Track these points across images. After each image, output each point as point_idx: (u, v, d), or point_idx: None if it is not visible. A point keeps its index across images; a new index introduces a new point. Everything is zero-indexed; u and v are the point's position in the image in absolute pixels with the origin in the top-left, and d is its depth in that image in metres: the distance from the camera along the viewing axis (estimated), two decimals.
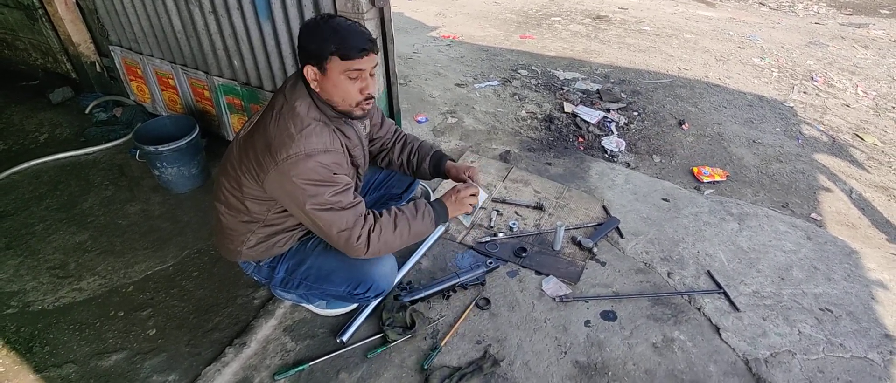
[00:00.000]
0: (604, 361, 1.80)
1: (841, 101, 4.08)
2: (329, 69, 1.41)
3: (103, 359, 1.84)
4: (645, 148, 3.24)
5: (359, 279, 1.68)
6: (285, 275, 1.76)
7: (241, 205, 1.59)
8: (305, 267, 1.72)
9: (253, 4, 2.27)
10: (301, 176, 1.41)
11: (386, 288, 1.76)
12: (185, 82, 2.90)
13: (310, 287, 1.75)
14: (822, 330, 1.94)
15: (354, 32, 1.40)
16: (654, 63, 4.65)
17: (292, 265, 1.74)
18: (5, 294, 2.12)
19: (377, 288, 1.72)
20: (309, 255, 1.73)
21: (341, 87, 1.43)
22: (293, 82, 1.52)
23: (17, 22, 3.48)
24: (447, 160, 1.93)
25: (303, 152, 1.40)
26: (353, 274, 1.68)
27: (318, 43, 1.39)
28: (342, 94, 1.45)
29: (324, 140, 1.44)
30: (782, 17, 6.58)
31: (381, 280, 1.71)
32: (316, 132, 1.43)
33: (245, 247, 1.68)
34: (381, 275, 1.71)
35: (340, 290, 1.73)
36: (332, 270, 1.70)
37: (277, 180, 1.44)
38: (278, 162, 1.41)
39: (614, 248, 2.30)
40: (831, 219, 2.67)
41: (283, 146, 1.41)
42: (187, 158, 2.60)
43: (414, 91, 3.78)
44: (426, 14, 6.00)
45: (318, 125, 1.45)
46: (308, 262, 1.72)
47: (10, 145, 3.15)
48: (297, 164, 1.40)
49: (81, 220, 2.53)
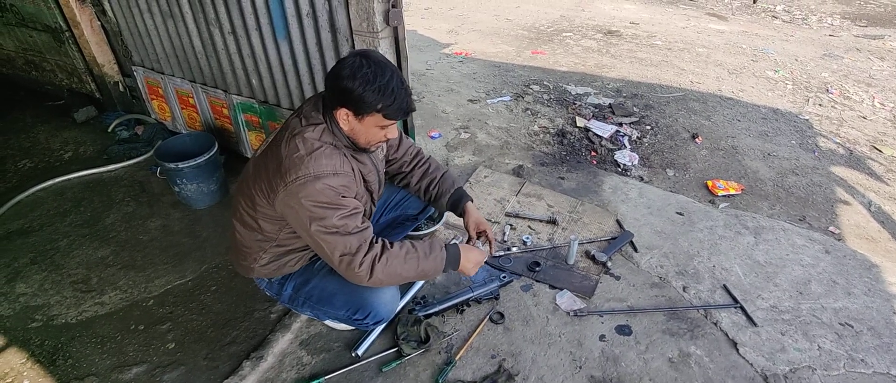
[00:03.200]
0: (619, 376, 1.79)
1: (857, 113, 4.04)
2: (367, 120, 1.45)
3: (124, 372, 1.88)
4: (658, 162, 3.23)
5: (358, 304, 1.70)
6: (292, 293, 1.79)
7: (255, 224, 1.62)
8: (310, 286, 1.75)
9: (271, 25, 2.34)
10: (309, 197, 1.42)
11: (386, 317, 1.77)
12: (205, 101, 2.98)
13: (313, 307, 1.79)
14: (842, 346, 1.91)
15: (405, 97, 1.44)
16: (667, 77, 4.65)
17: (299, 283, 1.77)
18: (30, 308, 2.18)
19: (376, 316, 1.72)
20: (314, 276, 1.75)
21: (371, 133, 1.49)
22: (313, 105, 1.54)
23: (44, 44, 3.61)
24: (467, 200, 1.91)
25: (311, 174, 1.42)
26: (353, 299, 1.70)
27: (364, 94, 1.39)
28: (368, 138, 1.51)
29: (333, 162, 1.45)
30: (796, 29, 6.55)
31: (381, 308, 1.71)
32: (325, 154, 1.45)
33: (257, 265, 1.71)
34: (381, 303, 1.71)
35: (340, 314, 1.76)
36: (333, 293, 1.72)
37: (286, 201, 1.46)
38: (288, 183, 1.43)
39: (629, 262, 2.29)
40: (850, 232, 2.63)
41: (293, 167, 1.43)
42: (206, 175, 2.66)
43: (427, 107, 3.83)
44: (439, 31, 6.08)
45: (329, 147, 1.47)
46: (313, 283, 1.75)
47: (36, 163, 3.25)
48: (306, 186, 1.42)
49: (104, 236, 2.59)
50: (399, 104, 1.43)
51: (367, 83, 1.38)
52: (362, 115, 1.44)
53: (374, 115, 1.43)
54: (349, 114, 1.45)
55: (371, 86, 1.38)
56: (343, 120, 1.47)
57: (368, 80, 1.38)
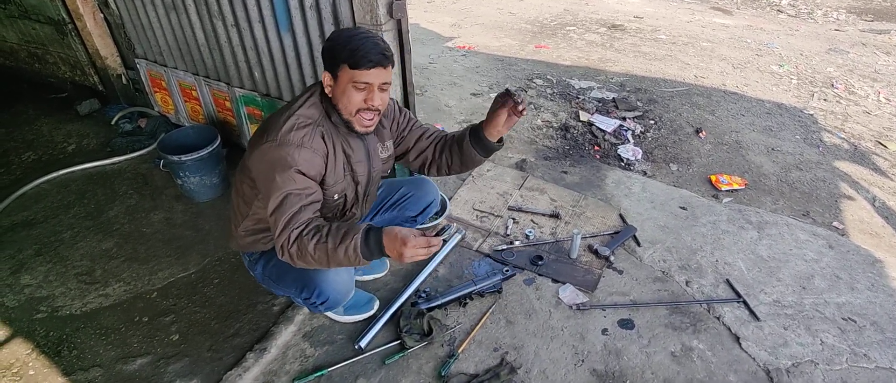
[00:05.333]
0: (621, 370, 1.79)
1: (862, 108, 4.02)
2: (340, 76, 1.46)
3: (128, 364, 1.89)
4: (662, 156, 3.22)
5: (305, 284, 1.69)
6: (262, 271, 1.80)
7: (241, 187, 1.66)
8: (271, 264, 1.76)
9: (274, 17, 2.33)
10: (268, 160, 1.44)
11: (337, 301, 1.75)
12: (208, 93, 2.97)
13: (273, 287, 1.81)
14: (845, 341, 1.91)
15: (368, 44, 1.42)
16: (671, 71, 4.63)
17: (265, 261, 1.78)
18: (35, 299, 2.19)
19: (325, 297, 1.69)
20: (274, 255, 1.73)
21: (347, 95, 1.47)
22: (312, 84, 1.59)
23: (47, 36, 3.61)
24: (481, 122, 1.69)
25: (279, 140, 1.44)
26: (299, 277, 1.69)
27: (334, 50, 1.45)
28: (346, 102, 1.48)
29: (303, 137, 1.46)
30: (801, 23, 6.50)
31: (330, 290, 1.68)
32: (302, 128, 1.47)
33: (238, 234, 1.73)
34: (328, 285, 1.67)
35: (292, 293, 1.77)
36: (285, 271, 1.72)
37: (254, 159, 1.50)
38: (260, 144, 1.47)
39: (631, 257, 2.29)
40: (854, 227, 2.62)
41: (271, 130, 1.47)
42: (209, 168, 2.66)
43: (430, 101, 3.82)
44: (442, 25, 6.06)
45: (311, 126, 1.49)
46: (274, 261, 1.75)
47: (39, 155, 3.26)
48: (270, 150, 1.44)
49: (107, 228, 2.60)
50: (362, 52, 1.40)
51: (336, 39, 1.46)
52: (336, 74, 1.46)
53: (343, 70, 1.44)
54: (330, 78, 1.49)
55: (339, 40, 1.45)
56: (327, 86, 1.51)
57: (338, 37, 1.46)
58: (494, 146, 1.69)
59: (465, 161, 1.75)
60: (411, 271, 2.18)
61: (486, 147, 1.68)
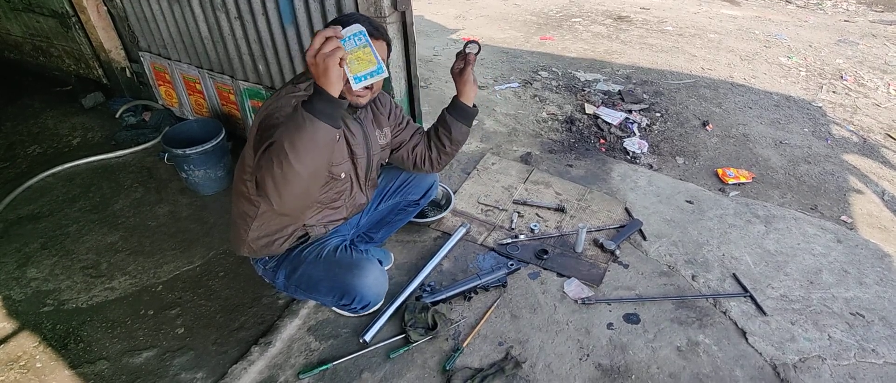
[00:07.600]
0: (627, 364, 1.79)
1: (872, 101, 3.97)
2: None
3: (134, 356, 1.90)
4: (668, 149, 3.20)
5: (343, 290, 1.72)
6: (285, 281, 1.81)
7: (244, 186, 1.65)
8: (298, 274, 1.77)
9: (277, 10, 2.32)
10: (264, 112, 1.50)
11: (373, 301, 1.79)
12: (212, 86, 2.97)
13: (304, 295, 1.83)
14: (853, 336, 1.89)
15: (358, 18, 1.48)
16: (677, 63, 4.58)
17: (288, 272, 1.79)
18: (41, 292, 2.20)
19: (363, 300, 1.74)
20: (302, 264, 1.77)
21: None
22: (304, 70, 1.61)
23: (51, 30, 3.61)
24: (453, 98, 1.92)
25: (276, 101, 1.51)
26: (336, 285, 1.72)
27: None
28: None
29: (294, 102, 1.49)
30: (810, 14, 6.42)
31: (366, 291, 1.72)
32: (297, 96, 1.51)
33: (248, 238, 1.72)
34: (365, 286, 1.71)
35: (328, 301, 1.79)
36: (319, 280, 1.74)
37: (254, 125, 1.53)
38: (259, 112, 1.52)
39: (637, 251, 2.28)
40: (863, 221, 2.60)
41: (269, 103, 1.52)
42: (213, 161, 2.66)
43: (434, 93, 3.80)
44: (446, 17, 6.01)
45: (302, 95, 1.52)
46: (300, 271, 1.76)
47: (45, 148, 3.27)
48: (267, 106, 1.51)
49: (113, 221, 2.60)
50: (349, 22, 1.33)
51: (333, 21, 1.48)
52: None
53: None
54: None
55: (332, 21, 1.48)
56: None
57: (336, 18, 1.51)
58: (470, 110, 1.89)
59: (452, 137, 1.91)
60: (416, 265, 2.17)
61: (461, 111, 1.88)
